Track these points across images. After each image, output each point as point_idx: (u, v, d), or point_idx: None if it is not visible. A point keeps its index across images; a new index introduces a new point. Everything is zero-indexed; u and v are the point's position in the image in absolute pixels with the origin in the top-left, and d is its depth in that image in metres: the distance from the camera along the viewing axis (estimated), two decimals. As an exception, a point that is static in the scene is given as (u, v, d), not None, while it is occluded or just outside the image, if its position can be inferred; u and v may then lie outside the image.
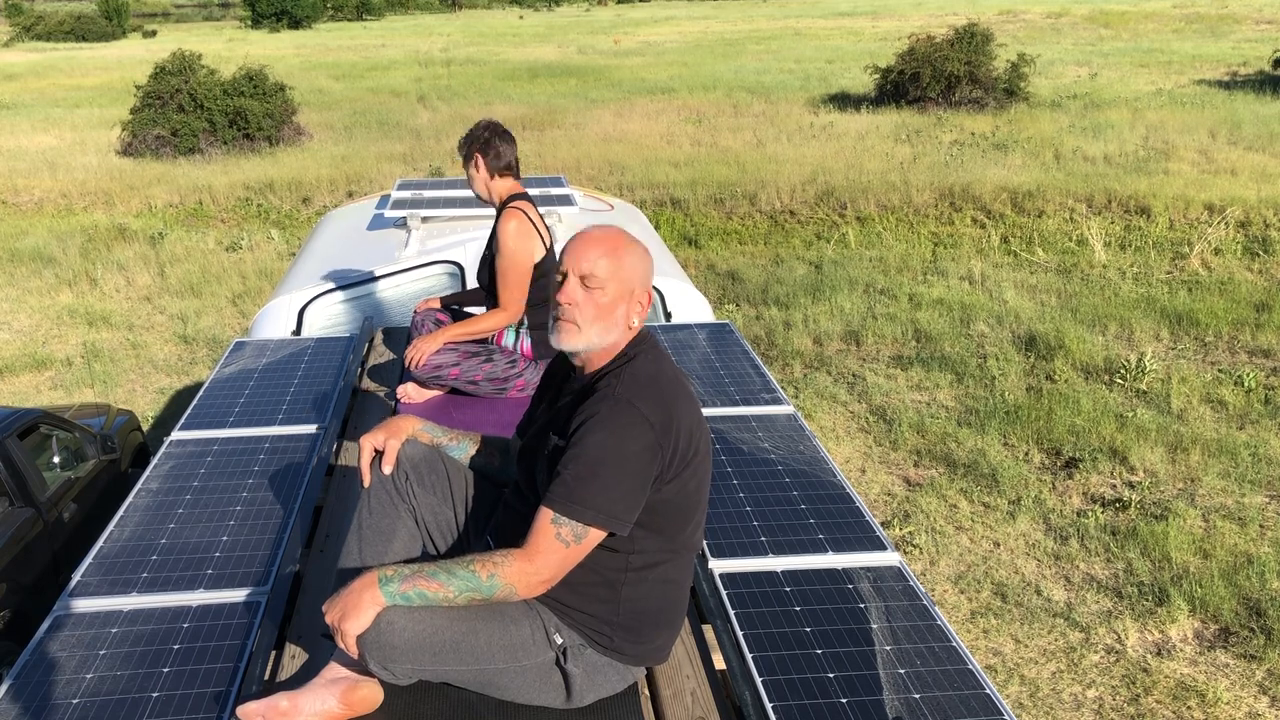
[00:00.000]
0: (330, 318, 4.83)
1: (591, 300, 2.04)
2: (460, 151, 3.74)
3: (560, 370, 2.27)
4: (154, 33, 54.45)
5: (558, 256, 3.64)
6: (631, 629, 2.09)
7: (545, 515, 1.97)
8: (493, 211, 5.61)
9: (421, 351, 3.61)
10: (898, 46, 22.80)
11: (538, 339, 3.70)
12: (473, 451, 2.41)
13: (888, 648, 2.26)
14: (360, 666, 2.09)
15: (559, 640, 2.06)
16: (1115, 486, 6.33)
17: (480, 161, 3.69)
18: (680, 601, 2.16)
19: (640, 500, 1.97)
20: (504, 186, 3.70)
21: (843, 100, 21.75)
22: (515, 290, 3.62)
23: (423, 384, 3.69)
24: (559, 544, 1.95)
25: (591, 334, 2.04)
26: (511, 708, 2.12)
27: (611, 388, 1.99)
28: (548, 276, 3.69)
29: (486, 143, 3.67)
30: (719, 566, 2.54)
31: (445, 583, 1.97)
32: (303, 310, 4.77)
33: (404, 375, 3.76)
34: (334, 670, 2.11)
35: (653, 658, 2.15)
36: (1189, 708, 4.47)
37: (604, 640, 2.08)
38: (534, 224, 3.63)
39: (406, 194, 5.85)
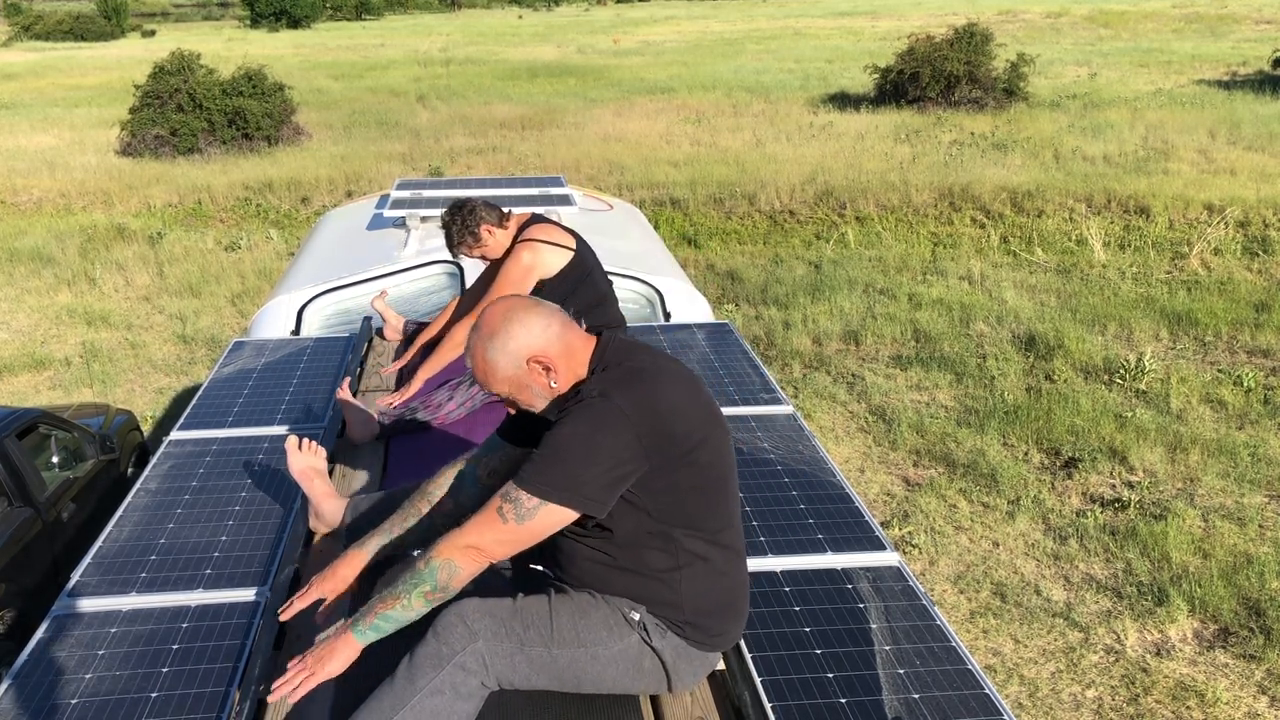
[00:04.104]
0: (329, 318, 4.82)
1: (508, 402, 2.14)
2: (459, 241, 3.51)
3: None
4: (153, 32, 54.47)
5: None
6: (700, 626, 2.11)
7: (499, 492, 1.99)
8: None
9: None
10: (897, 46, 22.81)
11: None
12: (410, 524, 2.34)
13: (887, 648, 2.26)
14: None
15: (636, 617, 2.07)
16: (1114, 486, 6.33)
17: (489, 229, 3.52)
18: (738, 592, 2.14)
19: (613, 487, 1.95)
20: (514, 226, 3.60)
21: (842, 100, 21.74)
22: None
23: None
24: (497, 517, 1.97)
25: (540, 409, 2.11)
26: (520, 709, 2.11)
27: (590, 390, 2.00)
28: (585, 283, 3.56)
29: (472, 212, 3.50)
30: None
31: (396, 594, 2.02)
32: (302, 310, 4.77)
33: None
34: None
35: (725, 645, 2.16)
36: (1188, 708, 4.47)
37: (678, 631, 2.10)
38: (551, 245, 3.49)
39: (406, 194, 5.85)
